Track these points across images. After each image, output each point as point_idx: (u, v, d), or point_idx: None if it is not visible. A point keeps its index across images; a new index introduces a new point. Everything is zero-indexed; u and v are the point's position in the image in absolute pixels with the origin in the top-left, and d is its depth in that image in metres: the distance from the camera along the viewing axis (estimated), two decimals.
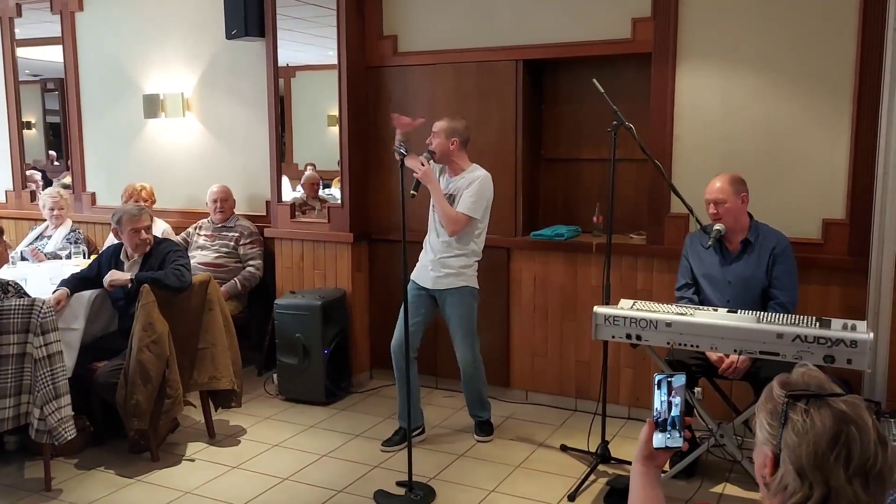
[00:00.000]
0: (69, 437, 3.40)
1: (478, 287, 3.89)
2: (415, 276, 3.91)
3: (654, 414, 1.58)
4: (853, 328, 2.84)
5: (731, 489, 3.41)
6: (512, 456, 3.80)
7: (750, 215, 3.45)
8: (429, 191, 3.72)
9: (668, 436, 1.57)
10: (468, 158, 3.85)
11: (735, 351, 3.02)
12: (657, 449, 1.57)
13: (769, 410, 1.30)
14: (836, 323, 2.90)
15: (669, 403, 1.58)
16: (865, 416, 1.22)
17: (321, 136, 6.37)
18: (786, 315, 3.04)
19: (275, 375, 4.66)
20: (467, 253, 3.81)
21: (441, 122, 3.80)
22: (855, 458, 1.19)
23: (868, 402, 1.26)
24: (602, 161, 4.27)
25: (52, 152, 7.87)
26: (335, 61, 4.60)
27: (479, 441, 3.98)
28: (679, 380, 1.59)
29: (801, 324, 2.91)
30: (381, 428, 4.15)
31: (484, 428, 4.04)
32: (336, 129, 4.75)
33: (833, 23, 3.62)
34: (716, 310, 3.18)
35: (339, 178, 4.88)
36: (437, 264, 3.81)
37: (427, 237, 3.92)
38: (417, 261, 3.95)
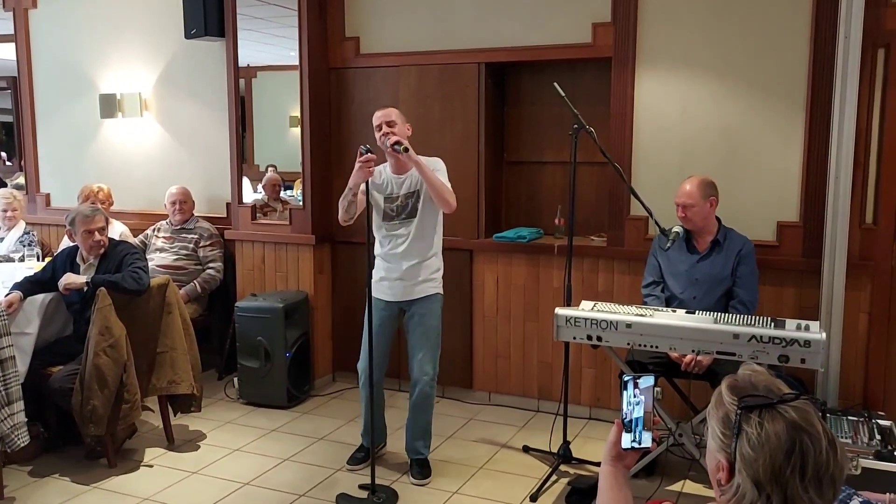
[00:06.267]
0: (22, 444, 3.33)
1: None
2: (378, 294, 3.53)
3: (622, 415, 1.59)
4: (807, 328, 2.92)
5: (690, 487, 3.47)
6: (475, 457, 3.81)
7: (718, 219, 3.57)
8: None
9: (637, 436, 1.58)
10: None
11: (693, 351, 3.09)
12: (625, 449, 1.58)
13: (720, 418, 1.32)
14: (791, 323, 2.98)
15: (636, 404, 1.59)
16: (815, 421, 1.25)
17: (283, 138, 6.31)
18: (742, 316, 3.12)
19: (235, 379, 4.61)
20: (437, 252, 3.55)
21: (389, 109, 3.47)
22: (810, 467, 1.22)
23: (814, 401, 1.30)
24: (563, 164, 4.32)
25: (2, 153, 7.68)
26: (297, 62, 4.57)
27: (415, 484, 3.52)
28: (647, 380, 1.59)
29: (756, 324, 2.98)
30: (344, 431, 4.13)
31: (423, 467, 3.60)
32: (298, 131, 4.71)
33: (787, 31, 3.71)
34: (674, 311, 3.25)
35: (300, 179, 4.85)
36: (408, 272, 3.48)
37: (383, 252, 3.55)
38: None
